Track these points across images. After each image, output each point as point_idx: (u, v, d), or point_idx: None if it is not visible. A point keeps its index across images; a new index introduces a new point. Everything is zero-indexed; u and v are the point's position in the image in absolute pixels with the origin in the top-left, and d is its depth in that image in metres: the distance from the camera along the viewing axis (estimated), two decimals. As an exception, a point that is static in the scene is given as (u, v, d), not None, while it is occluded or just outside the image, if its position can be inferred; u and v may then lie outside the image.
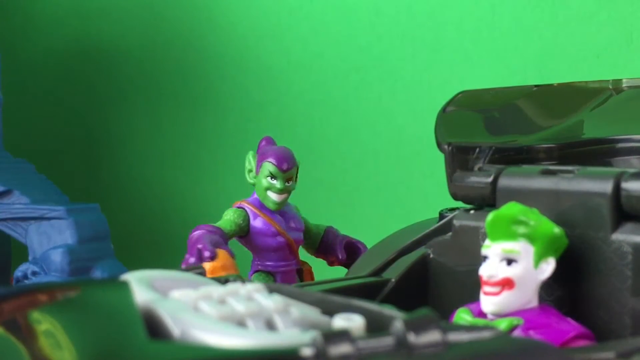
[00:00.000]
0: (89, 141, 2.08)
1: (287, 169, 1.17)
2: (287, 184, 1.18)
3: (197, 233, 1.14)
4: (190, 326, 0.57)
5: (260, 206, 1.19)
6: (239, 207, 1.20)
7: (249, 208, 1.19)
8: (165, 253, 1.99)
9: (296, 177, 1.20)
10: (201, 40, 1.93)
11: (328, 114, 1.80)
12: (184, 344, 0.57)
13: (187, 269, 0.75)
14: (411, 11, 1.70)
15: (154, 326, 0.60)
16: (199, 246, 1.10)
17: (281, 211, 1.20)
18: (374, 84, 1.74)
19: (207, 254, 1.08)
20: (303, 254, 1.25)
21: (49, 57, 2.09)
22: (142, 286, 0.65)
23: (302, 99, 1.82)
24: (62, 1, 2.07)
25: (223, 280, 0.74)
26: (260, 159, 1.19)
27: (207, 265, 1.06)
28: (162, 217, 2.00)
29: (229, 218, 1.19)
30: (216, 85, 1.92)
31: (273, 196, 1.18)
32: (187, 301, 0.61)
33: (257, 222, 1.19)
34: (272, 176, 1.17)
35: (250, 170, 1.20)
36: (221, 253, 1.09)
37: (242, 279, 0.75)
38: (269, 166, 1.18)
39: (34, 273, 1.52)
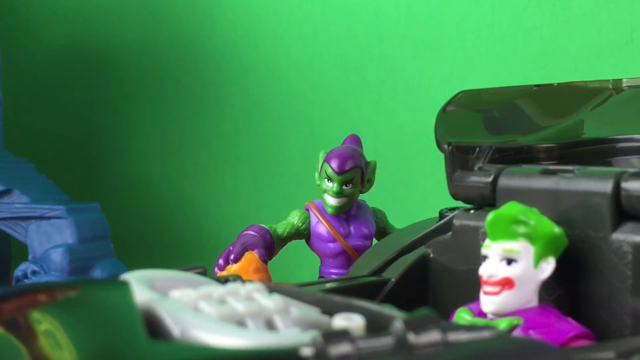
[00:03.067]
0: (89, 141, 2.08)
1: (343, 172, 1.12)
2: (344, 187, 1.12)
3: (242, 233, 1.12)
4: (190, 326, 0.57)
5: (323, 210, 1.15)
6: (305, 209, 1.17)
7: (312, 211, 1.16)
8: (165, 253, 1.99)
9: (363, 180, 1.15)
10: (202, 40, 1.93)
11: (328, 114, 1.80)
12: (184, 344, 0.57)
13: (187, 269, 0.75)
14: (411, 11, 1.70)
15: (154, 326, 0.60)
16: (230, 247, 1.08)
17: (349, 215, 1.15)
18: (374, 84, 1.75)
19: (232, 256, 1.07)
20: None
21: (49, 57, 2.09)
22: (142, 286, 0.65)
23: (302, 99, 1.82)
24: (62, 1, 2.07)
25: (223, 280, 0.74)
26: (325, 159, 1.15)
27: (233, 267, 1.05)
28: (162, 217, 2.00)
29: (288, 220, 1.16)
30: (217, 85, 1.92)
31: (329, 199, 1.13)
32: (187, 301, 0.61)
33: (318, 227, 1.15)
34: (329, 178, 1.13)
35: (316, 170, 1.16)
36: (249, 256, 1.06)
37: (242, 278, 0.75)
38: (327, 168, 1.13)
39: (34, 272, 1.52)
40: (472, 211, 0.91)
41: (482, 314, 0.77)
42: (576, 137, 0.99)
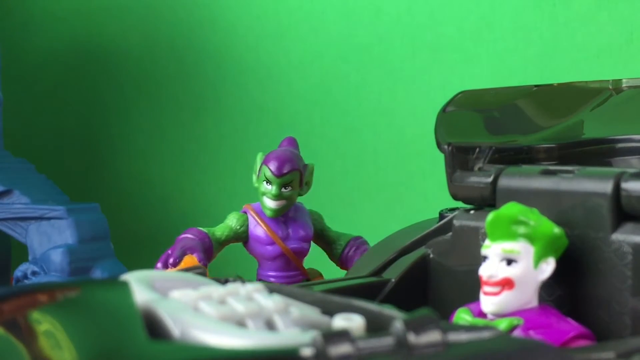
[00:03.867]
0: (89, 141, 2.08)
1: (282, 174, 1.12)
2: (283, 189, 1.12)
3: (179, 237, 1.12)
4: (190, 326, 0.57)
5: (261, 212, 1.15)
6: (243, 212, 1.17)
7: (250, 213, 1.15)
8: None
9: (302, 182, 1.14)
10: (202, 40, 1.93)
11: (328, 114, 1.80)
12: (184, 344, 0.57)
13: (187, 269, 0.75)
14: (411, 11, 1.70)
15: (154, 326, 0.60)
16: (169, 251, 1.09)
17: (287, 218, 1.15)
18: (374, 84, 1.74)
19: (171, 259, 1.07)
20: (323, 264, 1.22)
21: (49, 56, 2.09)
22: (142, 286, 0.65)
23: (302, 99, 1.82)
24: (62, 1, 2.07)
25: (223, 281, 0.74)
26: (263, 162, 1.14)
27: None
28: (162, 217, 2.00)
29: (226, 222, 1.16)
30: (217, 85, 1.92)
31: (268, 202, 1.13)
32: (187, 301, 0.61)
33: (257, 229, 1.15)
34: (268, 181, 1.12)
35: (254, 172, 1.16)
36: (188, 259, 1.06)
37: (242, 279, 0.75)
38: (265, 170, 1.13)
39: (34, 273, 1.52)
40: (472, 211, 0.91)
41: (482, 314, 0.77)
42: (576, 137, 0.99)
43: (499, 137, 0.99)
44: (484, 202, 0.88)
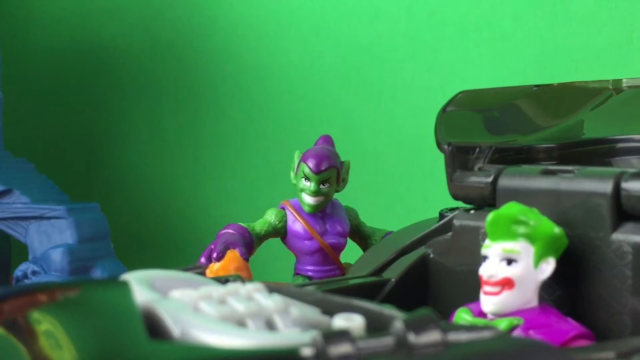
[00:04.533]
0: (89, 141, 2.08)
1: (320, 171, 1.14)
2: (321, 186, 1.15)
3: (220, 232, 1.14)
4: (190, 326, 0.57)
5: (299, 208, 1.17)
6: (281, 208, 1.19)
7: (288, 209, 1.18)
8: (165, 253, 1.99)
9: (339, 179, 1.17)
10: (202, 40, 1.93)
11: (328, 114, 1.80)
12: (184, 344, 0.57)
13: (187, 269, 0.75)
14: (411, 11, 1.70)
15: (154, 326, 0.60)
16: (212, 246, 1.11)
17: (324, 214, 1.18)
18: (374, 84, 1.75)
19: (214, 254, 1.09)
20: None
21: (49, 56, 2.09)
22: (142, 286, 0.65)
23: (302, 99, 1.82)
24: (62, 1, 2.07)
25: (223, 280, 0.74)
26: (301, 159, 1.17)
27: (215, 265, 1.06)
28: (162, 217, 2.00)
29: (265, 218, 1.18)
30: (217, 85, 1.92)
31: (307, 198, 1.16)
32: (187, 301, 0.61)
33: (295, 225, 1.17)
34: (307, 178, 1.15)
35: (292, 170, 1.18)
36: (231, 254, 1.08)
37: (242, 279, 0.75)
38: (304, 167, 1.15)
39: (34, 272, 1.52)
40: (472, 211, 0.91)
41: (482, 314, 0.77)
42: (576, 137, 0.99)
43: (499, 137, 0.99)
44: (484, 202, 0.88)
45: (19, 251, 1.72)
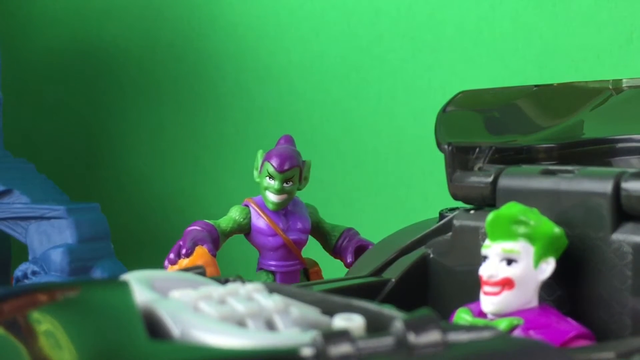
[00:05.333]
0: (89, 141, 2.08)
1: (284, 170, 1.17)
2: (285, 185, 1.18)
3: (187, 229, 1.18)
4: (190, 326, 0.57)
5: (263, 205, 1.21)
6: (245, 205, 1.22)
7: (252, 206, 1.21)
8: (165, 253, 1.98)
9: (301, 178, 1.20)
10: (202, 40, 1.93)
11: (328, 114, 1.80)
12: (184, 344, 0.57)
13: (187, 269, 0.75)
14: (411, 11, 1.70)
15: (154, 326, 0.60)
16: (180, 242, 1.14)
17: (287, 211, 1.21)
18: (374, 84, 1.74)
19: (183, 250, 1.13)
20: (319, 255, 1.25)
21: (49, 56, 2.09)
22: (142, 286, 0.65)
23: (303, 99, 1.82)
24: (62, 1, 2.07)
25: (223, 280, 0.74)
26: (265, 158, 1.20)
27: (184, 262, 1.11)
28: (162, 217, 2.00)
29: (230, 215, 1.21)
30: (216, 85, 1.92)
31: (271, 196, 1.19)
32: (187, 301, 0.61)
33: (259, 222, 1.20)
34: (271, 176, 1.18)
35: (256, 168, 1.21)
36: (199, 250, 1.12)
37: (242, 279, 0.75)
38: (268, 166, 1.18)
39: (34, 273, 1.52)
40: (472, 211, 0.91)
41: (482, 314, 0.77)
42: (576, 137, 0.99)
43: (499, 137, 0.99)
44: (484, 202, 0.88)
45: (19, 251, 1.72)
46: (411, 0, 1.70)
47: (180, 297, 0.62)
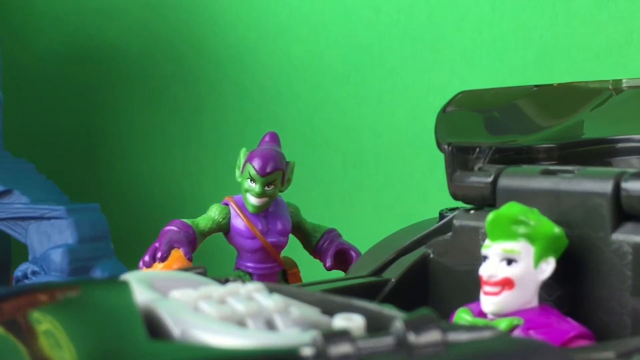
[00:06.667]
0: (89, 141, 2.08)
1: (266, 174, 1.14)
2: (266, 188, 1.14)
3: (164, 229, 1.15)
4: (190, 326, 0.57)
5: (243, 206, 1.17)
6: (224, 204, 1.19)
7: (232, 206, 1.18)
8: (165, 253, 1.99)
9: (283, 180, 1.16)
10: (201, 41, 1.93)
11: (328, 114, 1.80)
12: (184, 344, 0.57)
13: (187, 269, 0.75)
14: (411, 11, 1.70)
15: (154, 326, 0.60)
16: (156, 245, 1.11)
17: (267, 212, 1.17)
18: (374, 84, 1.74)
19: (159, 254, 1.10)
20: (298, 254, 1.24)
21: (49, 57, 2.09)
22: (142, 286, 0.65)
23: (302, 99, 1.82)
24: (62, 1, 2.07)
25: (223, 280, 0.74)
26: (247, 159, 1.16)
27: (159, 265, 1.08)
28: (162, 217, 1.99)
29: (208, 214, 1.18)
30: (216, 86, 1.92)
31: (251, 199, 1.15)
32: (187, 301, 0.61)
33: (237, 222, 1.17)
34: (252, 179, 1.14)
35: (238, 167, 1.18)
36: (175, 254, 1.09)
37: (242, 279, 0.75)
38: (250, 168, 1.14)
39: (34, 273, 1.52)
40: (472, 211, 0.91)
41: (482, 314, 0.77)
42: (576, 137, 0.99)
43: (499, 137, 0.99)
44: (484, 202, 0.88)
45: (19, 251, 1.72)
46: (411, 0, 1.70)
47: (180, 297, 0.62)
